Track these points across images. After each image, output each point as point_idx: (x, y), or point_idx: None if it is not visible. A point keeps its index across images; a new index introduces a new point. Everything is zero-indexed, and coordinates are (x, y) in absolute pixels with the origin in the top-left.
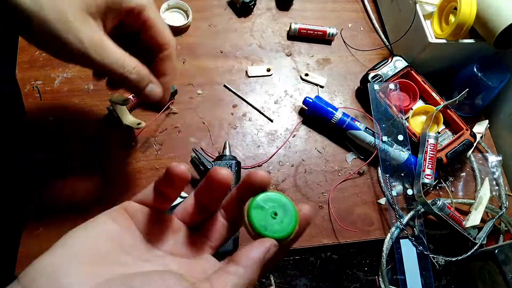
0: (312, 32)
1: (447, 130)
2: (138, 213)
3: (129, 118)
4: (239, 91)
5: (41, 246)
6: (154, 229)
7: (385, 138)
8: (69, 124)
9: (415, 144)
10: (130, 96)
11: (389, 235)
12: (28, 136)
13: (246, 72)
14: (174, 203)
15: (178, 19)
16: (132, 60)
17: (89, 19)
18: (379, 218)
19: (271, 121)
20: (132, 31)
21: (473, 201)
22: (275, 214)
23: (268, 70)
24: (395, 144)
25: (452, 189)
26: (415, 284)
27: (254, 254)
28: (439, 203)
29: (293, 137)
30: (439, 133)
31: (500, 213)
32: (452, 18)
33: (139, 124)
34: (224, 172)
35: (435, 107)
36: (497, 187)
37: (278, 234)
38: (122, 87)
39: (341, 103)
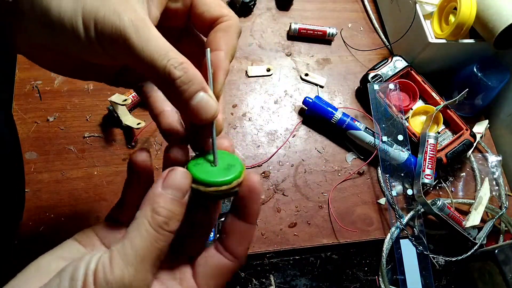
0: (312, 32)
1: (447, 130)
2: (109, 234)
3: (129, 118)
4: (239, 91)
5: (41, 246)
6: None
7: (385, 138)
8: (69, 124)
9: (415, 144)
10: (130, 96)
11: (389, 235)
12: (27, 136)
13: (246, 72)
14: None
15: None
16: (179, 54)
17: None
18: (379, 218)
19: None
20: (174, 26)
21: (473, 201)
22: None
23: (268, 70)
24: (395, 144)
25: (452, 189)
26: (415, 284)
27: (156, 186)
28: (439, 203)
29: (293, 137)
30: (439, 133)
31: (500, 213)
32: (452, 18)
33: (139, 124)
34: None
35: (435, 107)
36: (497, 187)
37: (212, 179)
38: (163, 92)
39: (341, 103)
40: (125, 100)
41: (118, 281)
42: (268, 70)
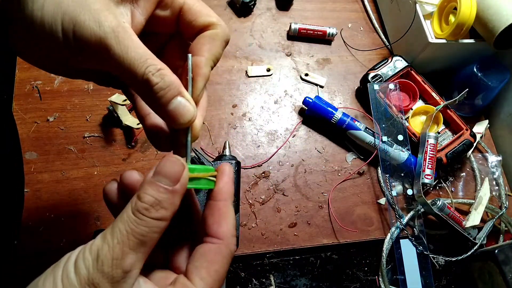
0: (312, 32)
1: (447, 130)
2: None
3: (129, 118)
4: (239, 91)
5: (41, 246)
6: None
7: (385, 138)
8: (69, 124)
9: (415, 144)
10: None
11: (389, 235)
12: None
13: (246, 72)
14: None
15: None
16: (157, 61)
17: (112, 5)
18: (379, 218)
19: None
20: (162, 32)
21: (473, 201)
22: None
23: (268, 70)
24: (395, 144)
25: (452, 189)
26: (415, 284)
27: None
28: (439, 203)
29: (293, 137)
30: (439, 133)
31: (500, 213)
32: (452, 18)
33: (138, 124)
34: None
35: (435, 107)
36: (497, 187)
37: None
38: (142, 98)
39: (341, 103)
40: (125, 100)
41: (93, 254)
42: (268, 70)
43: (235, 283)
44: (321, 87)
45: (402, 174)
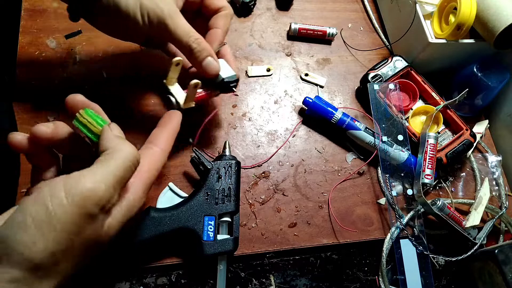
0: (312, 32)
1: (447, 130)
2: None
3: (183, 97)
4: (239, 91)
5: None
6: None
7: (385, 138)
8: (69, 124)
9: (415, 144)
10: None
11: (389, 235)
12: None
13: (246, 72)
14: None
15: None
16: (196, 33)
17: None
18: (379, 218)
19: None
20: (190, 10)
21: (473, 201)
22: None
23: (268, 70)
24: (395, 144)
25: (452, 189)
26: (415, 284)
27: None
28: (439, 203)
29: (293, 137)
30: (439, 133)
31: (500, 213)
32: (452, 18)
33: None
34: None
35: (435, 107)
36: (497, 187)
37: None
38: (186, 57)
39: (341, 103)
40: (178, 64)
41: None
42: (268, 70)
43: (235, 283)
44: (321, 87)
45: (402, 174)
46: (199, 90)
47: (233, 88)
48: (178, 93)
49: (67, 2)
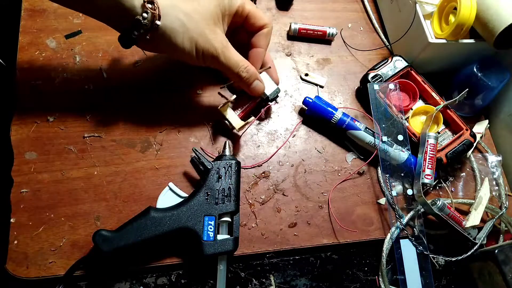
0: (312, 32)
1: (447, 130)
2: None
3: (239, 120)
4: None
5: (41, 246)
6: None
7: (385, 138)
8: (69, 124)
9: (415, 144)
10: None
11: (389, 235)
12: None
13: None
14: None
15: None
16: (245, 61)
17: (217, 29)
18: (379, 218)
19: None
20: (234, 26)
21: (473, 201)
22: None
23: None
24: (395, 144)
25: (452, 189)
26: (415, 284)
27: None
28: (439, 203)
29: (293, 137)
30: (439, 133)
31: (500, 213)
32: (452, 18)
33: (251, 117)
34: None
35: (435, 107)
36: (497, 187)
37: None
38: (236, 83)
39: (341, 103)
40: (230, 83)
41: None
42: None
43: (235, 283)
44: (321, 87)
45: (402, 174)
46: (246, 104)
47: (276, 100)
48: (232, 117)
49: (120, 31)
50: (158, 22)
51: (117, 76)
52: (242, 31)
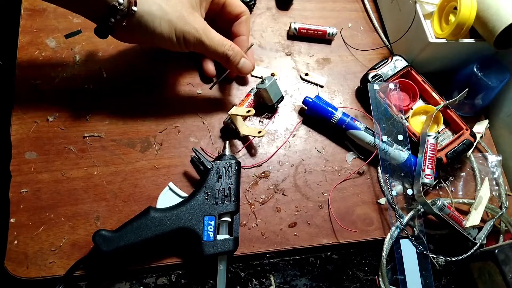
0: (312, 31)
1: (447, 130)
2: None
3: (246, 129)
4: (239, 91)
5: (41, 246)
6: None
7: (385, 138)
8: (69, 124)
9: (415, 144)
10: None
11: (389, 235)
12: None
13: None
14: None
15: None
16: (227, 40)
17: (195, 12)
18: (379, 218)
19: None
20: (212, 14)
21: (473, 201)
22: None
23: (273, 75)
24: (395, 144)
25: (452, 189)
26: (415, 284)
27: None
28: (439, 203)
29: (293, 137)
30: (439, 133)
31: (500, 213)
32: (452, 18)
33: (260, 132)
34: None
35: (435, 107)
36: (497, 187)
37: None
38: (222, 63)
39: (341, 103)
40: (249, 111)
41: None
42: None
43: (235, 283)
44: (321, 87)
45: (402, 174)
46: (247, 102)
47: (278, 106)
48: (239, 123)
49: (95, 21)
50: (134, 8)
51: (117, 75)
52: (219, 21)
